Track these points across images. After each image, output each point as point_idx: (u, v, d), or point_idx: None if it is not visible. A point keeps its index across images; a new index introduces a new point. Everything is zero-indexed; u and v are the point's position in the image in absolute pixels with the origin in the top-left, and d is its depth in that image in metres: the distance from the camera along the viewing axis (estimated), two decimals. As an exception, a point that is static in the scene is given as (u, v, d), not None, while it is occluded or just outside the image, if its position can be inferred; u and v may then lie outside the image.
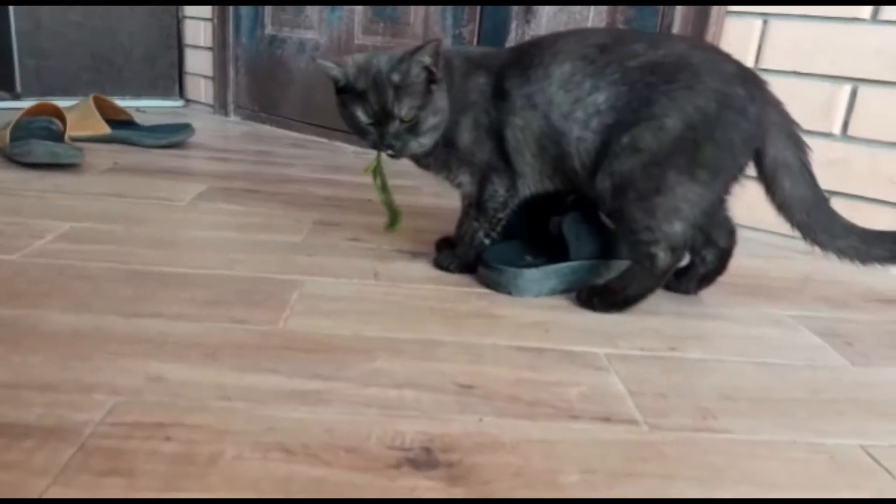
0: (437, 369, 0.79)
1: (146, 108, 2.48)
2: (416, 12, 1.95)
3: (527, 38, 1.71)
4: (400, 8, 1.98)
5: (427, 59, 0.97)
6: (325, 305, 0.94)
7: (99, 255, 1.06)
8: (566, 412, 0.73)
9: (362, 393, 0.73)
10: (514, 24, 1.74)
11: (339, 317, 0.91)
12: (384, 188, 1.17)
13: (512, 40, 1.74)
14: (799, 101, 1.36)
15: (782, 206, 0.97)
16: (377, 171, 1.15)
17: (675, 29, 1.46)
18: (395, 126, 0.99)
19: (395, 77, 0.97)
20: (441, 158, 1.07)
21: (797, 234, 0.99)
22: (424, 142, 1.02)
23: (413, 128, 0.99)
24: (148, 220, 1.26)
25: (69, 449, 0.60)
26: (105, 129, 1.84)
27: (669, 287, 1.09)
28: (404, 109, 0.97)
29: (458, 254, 1.11)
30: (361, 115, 0.99)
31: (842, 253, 0.97)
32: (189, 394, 0.70)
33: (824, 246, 0.97)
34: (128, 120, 1.94)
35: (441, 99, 1.00)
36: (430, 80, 0.98)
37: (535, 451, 0.65)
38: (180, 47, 2.60)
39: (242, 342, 0.82)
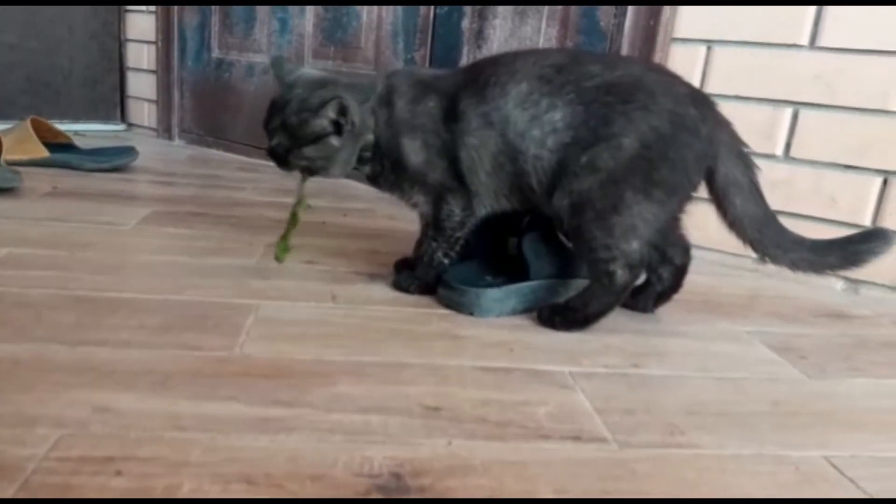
0: (402, 392, 0.77)
1: (86, 132, 2.40)
2: (367, 36, 1.95)
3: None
4: (351, 31, 1.98)
5: (331, 115, 1.01)
6: (282, 329, 0.91)
7: (40, 281, 1.01)
8: (536, 432, 0.71)
9: (326, 419, 0.70)
10: (465, 49, 1.75)
11: (298, 341, 0.88)
12: (294, 220, 1.14)
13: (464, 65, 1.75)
14: (743, 124, 1.39)
15: (734, 223, 0.99)
16: (299, 202, 1.12)
17: (623, 54, 1.49)
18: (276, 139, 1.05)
19: (293, 120, 1.02)
20: (390, 180, 1.08)
21: (750, 250, 1.01)
22: (301, 164, 1.05)
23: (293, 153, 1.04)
24: (92, 244, 1.20)
25: (10, 487, 0.56)
26: (43, 153, 1.76)
27: (627, 305, 1.10)
28: (275, 141, 1.04)
29: (417, 274, 1.10)
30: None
31: (795, 265, 0.99)
32: (140, 425, 0.66)
33: (777, 260, 0.99)
34: (67, 143, 1.87)
35: (329, 149, 1.03)
36: (338, 130, 1.02)
37: (508, 473, 0.64)
38: (122, 70, 2.53)
39: (196, 369, 0.78)
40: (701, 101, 0.96)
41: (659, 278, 1.09)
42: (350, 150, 1.05)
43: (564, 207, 0.97)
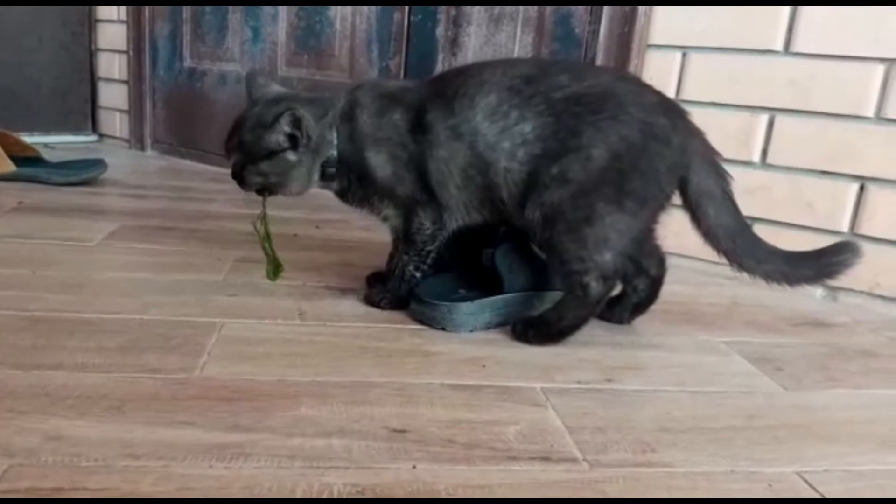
0: (367, 414, 0.75)
1: (57, 143, 2.36)
2: (341, 44, 1.93)
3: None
4: (324, 39, 1.95)
5: (285, 128, 1.00)
6: (246, 349, 0.89)
7: (-2, 301, 0.98)
8: (504, 453, 0.69)
9: (286, 444, 0.67)
10: (440, 57, 1.73)
11: (262, 361, 0.86)
12: (267, 237, 1.13)
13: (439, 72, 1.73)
14: (719, 130, 1.39)
15: (708, 233, 0.97)
16: (262, 220, 1.11)
17: (598, 61, 1.48)
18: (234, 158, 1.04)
19: (248, 136, 1.01)
20: (358, 195, 1.07)
21: (724, 260, 1.00)
22: (258, 181, 1.05)
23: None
24: (55, 262, 1.17)
25: (-52, 525, 0.53)
26: (10, 167, 1.72)
27: (603, 317, 1.08)
28: (233, 159, 1.04)
29: (389, 289, 1.08)
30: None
31: (769, 277, 0.98)
32: (92, 453, 0.64)
33: (751, 271, 0.98)
34: (35, 156, 1.82)
35: (285, 164, 1.02)
36: (293, 144, 1.01)
37: (473, 497, 0.61)
38: (93, 81, 2.49)
39: (154, 393, 0.75)
40: (672, 111, 0.95)
41: (634, 290, 1.07)
42: (308, 166, 1.03)
43: (536, 220, 0.95)
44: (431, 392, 0.81)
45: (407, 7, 1.77)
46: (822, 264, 0.97)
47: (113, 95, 2.48)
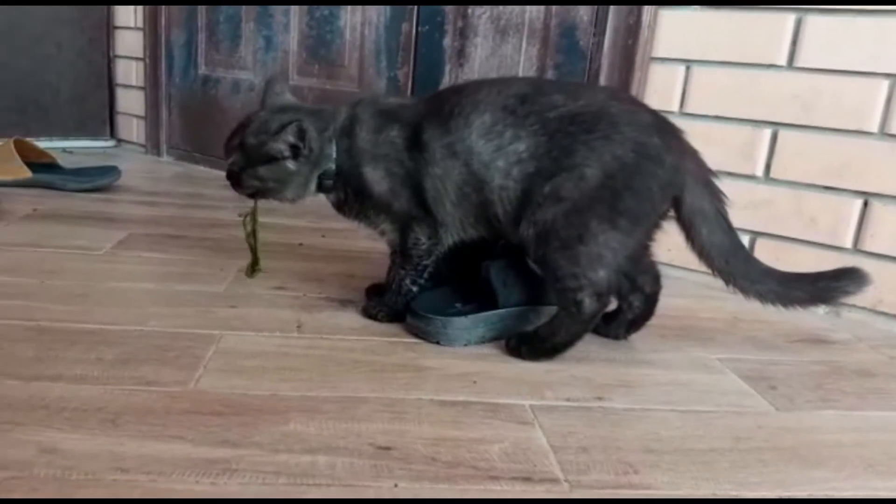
0: (354, 430, 0.76)
1: (75, 148, 2.40)
2: (350, 54, 1.95)
3: (461, 80, 1.72)
4: (335, 49, 1.97)
5: (290, 139, 1.02)
6: (241, 362, 0.90)
7: (5, 311, 1.00)
8: (486, 473, 0.70)
9: (272, 460, 0.69)
10: (447, 67, 1.74)
11: (256, 374, 0.87)
12: (253, 234, 1.20)
13: (446, 83, 1.75)
14: (722, 144, 1.40)
15: (701, 253, 0.98)
16: (252, 216, 1.19)
17: (602, 74, 1.48)
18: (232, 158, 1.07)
19: (251, 140, 1.04)
20: (355, 208, 1.08)
21: (719, 279, 1.00)
22: (254, 184, 1.07)
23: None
24: (62, 271, 1.20)
25: (-60, 538, 0.55)
26: (26, 173, 1.76)
27: (599, 332, 1.09)
28: (231, 159, 1.07)
29: (386, 302, 1.09)
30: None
31: (762, 297, 0.98)
32: (83, 466, 0.66)
33: (745, 291, 0.98)
34: (51, 163, 1.86)
35: (283, 171, 1.04)
36: (294, 154, 1.03)
37: (451, 519, 0.63)
38: (111, 87, 2.54)
39: (148, 406, 0.77)
40: (666, 130, 0.95)
41: (630, 306, 1.08)
42: (305, 176, 1.06)
43: (530, 237, 0.96)
44: (420, 408, 0.82)
45: (415, 18, 1.78)
46: (817, 288, 0.97)
47: (130, 101, 2.52)
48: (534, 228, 0.95)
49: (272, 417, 0.77)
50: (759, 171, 1.38)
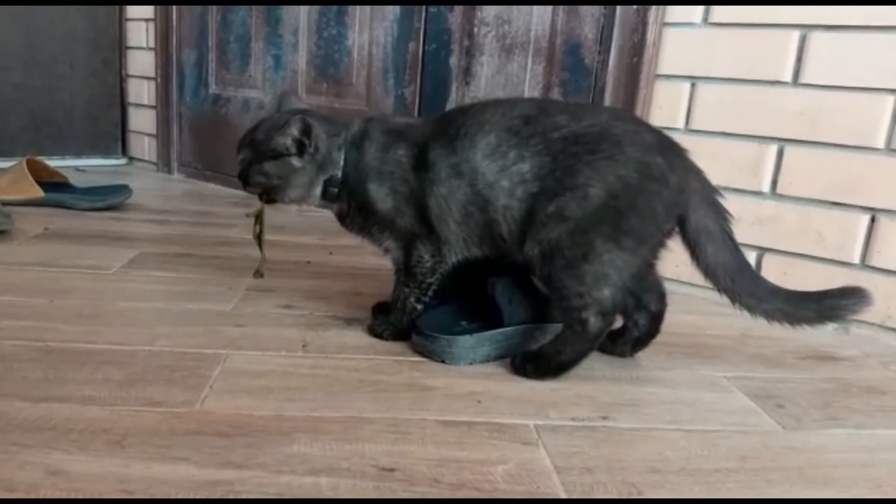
0: (358, 451, 0.76)
1: (88, 166, 2.44)
2: (358, 72, 1.97)
3: (468, 98, 1.73)
4: (343, 68, 1.99)
5: (294, 132, 1.03)
6: (247, 382, 0.91)
7: (15, 332, 1.02)
8: (489, 494, 0.70)
9: (275, 481, 0.69)
10: (454, 86, 1.76)
11: (261, 395, 0.88)
12: (259, 238, 1.25)
13: (453, 101, 1.76)
14: (729, 160, 1.40)
15: (707, 271, 0.98)
16: (259, 218, 1.23)
17: (608, 91, 1.49)
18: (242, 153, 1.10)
19: (259, 135, 1.07)
20: (358, 223, 1.09)
21: (725, 298, 1.00)
22: (260, 180, 1.09)
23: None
24: (72, 291, 1.21)
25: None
26: (38, 193, 1.79)
27: (606, 350, 1.09)
28: (241, 155, 1.09)
29: (391, 320, 1.10)
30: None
31: (769, 316, 0.98)
32: (89, 488, 0.66)
33: (752, 310, 0.98)
34: (63, 182, 1.89)
35: (288, 168, 1.06)
36: (300, 150, 1.05)
37: (453, 542, 0.63)
38: (123, 106, 2.58)
39: (154, 427, 0.78)
40: (669, 150, 0.96)
41: (635, 324, 1.08)
42: (311, 177, 1.06)
43: (535, 256, 0.96)
44: (424, 429, 0.83)
45: (422, 37, 1.80)
46: (824, 306, 0.96)
47: (142, 120, 2.56)
48: (539, 247, 0.95)
49: (277, 438, 0.77)
50: (766, 187, 1.37)
